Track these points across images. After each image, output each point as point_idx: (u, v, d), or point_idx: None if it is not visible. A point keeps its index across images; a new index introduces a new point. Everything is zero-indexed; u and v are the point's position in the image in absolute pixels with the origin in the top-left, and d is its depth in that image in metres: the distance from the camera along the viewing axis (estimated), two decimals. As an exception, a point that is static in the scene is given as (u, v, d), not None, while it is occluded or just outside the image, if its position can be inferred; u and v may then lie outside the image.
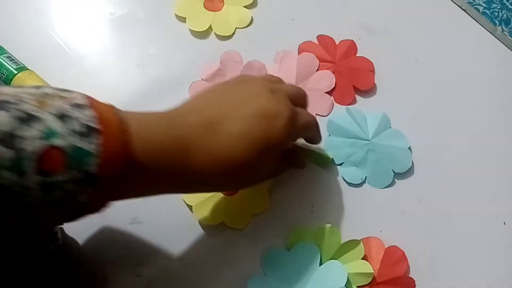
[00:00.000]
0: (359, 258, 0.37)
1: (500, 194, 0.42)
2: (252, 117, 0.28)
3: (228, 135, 0.27)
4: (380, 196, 0.40)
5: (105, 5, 0.48)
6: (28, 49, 0.44)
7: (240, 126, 0.27)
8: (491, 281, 0.38)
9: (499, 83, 0.48)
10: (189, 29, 0.47)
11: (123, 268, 0.35)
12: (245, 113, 0.28)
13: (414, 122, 0.44)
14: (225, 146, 0.27)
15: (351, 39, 0.47)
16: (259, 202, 0.38)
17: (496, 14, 0.55)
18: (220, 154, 0.27)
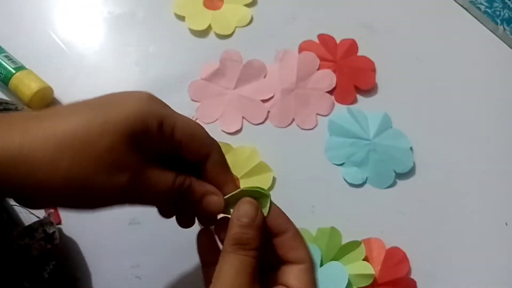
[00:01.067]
0: (360, 259, 0.36)
1: (502, 195, 0.41)
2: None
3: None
4: (381, 196, 0.40)
5: (104, 4, 0.48)
6: (26, 49, 0.43)
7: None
8: (493, 283, 0.38)
9: (500, 82, 0.47)
10: (189, 28, 0.46)
11: (121, 269, 0.35)
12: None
13: (415, 122, 0.43)
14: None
15: (352, 38, 0.47)
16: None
17: (498, 13, 0.55)
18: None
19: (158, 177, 0.23)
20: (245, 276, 0.23)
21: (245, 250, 0.23)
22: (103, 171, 0.20)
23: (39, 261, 0.31)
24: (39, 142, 0.20)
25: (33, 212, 0.35)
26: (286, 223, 0.26)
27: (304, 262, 0.24)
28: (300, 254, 0.25)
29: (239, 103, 0.43)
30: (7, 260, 0.30)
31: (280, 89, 0.43)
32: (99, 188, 0.20)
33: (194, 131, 0.24)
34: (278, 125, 0.43)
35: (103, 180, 0.20)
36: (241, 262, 0.23)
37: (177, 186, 0.23)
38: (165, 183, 0.23)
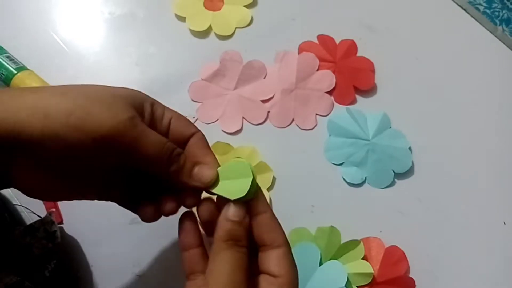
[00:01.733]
0: (359, 258, 0.37)
1: (500, 194, 0.42)
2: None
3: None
4: (380, 196, 0.40)
5: (104, 5, 0.48)
6: (27, 49, 0.43)
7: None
8: (491, 281, 0.38)
9: (499, 82, 0.48)
10: (189, 28, 0.47)
11: (123, 268, 0.35)
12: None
13: (414, 122, 0.44)
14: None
15: (352, 38, 0.47)
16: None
17: (497, 14, 0.55)
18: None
19: (152, 133, 0.24)
20: (242, 273, 0.23)
21: (238, 246, 0.24)
22: (105, 105, 0.22)
23: (41, 260, 0.31)
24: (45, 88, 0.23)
25: (34, 211, 0.35)
26: (263, 204, 0.25)
27: (281, 245, 0.24)
28: (277, 237, 0.24)
29: (239, 103, 0.43)
30: (9, 259, 0.30)
31: (280, 89, 0.44)
32: (100, 119, 0.22)
33: (181, 115, 0.28)
34: (278, 125, 0.43)
35: (104, 111, 0.22)
36: (236, 259, 0.23)
37: (169, 148, 0.24)
38: (158, 140, 0.24)
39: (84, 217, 0.36)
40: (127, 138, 0.22)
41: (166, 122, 0.27)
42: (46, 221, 0.32)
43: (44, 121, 0.21)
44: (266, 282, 0.24)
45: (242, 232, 0.24)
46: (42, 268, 0.31)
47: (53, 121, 0.21)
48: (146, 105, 0.25)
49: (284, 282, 0.23)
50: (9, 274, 0.29)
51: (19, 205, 0.35)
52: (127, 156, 0.23)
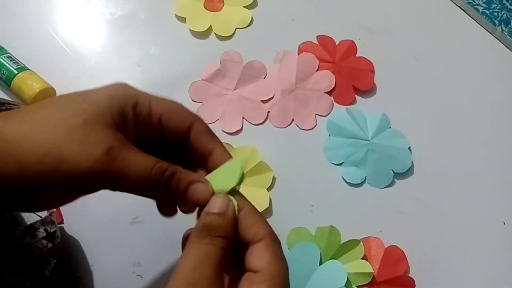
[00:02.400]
0: (359, 258, 0.37)
1: (500, 194, 0.42)
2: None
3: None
4: (380, 196, 0.40)
5: (106, 6, 0.48)
6: (28, 49, 0.44)
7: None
8: (491, 281, 0.38)
9: (498, 82, 0.48)
10: (189, 29, 0.47)
11: (123, 268, 0.35)
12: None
13: (413, 122, 0.44)
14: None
15: (351, 39, 0.47)
16: (259, 202, 0.38)
17: (496, 14, 0.55)
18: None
19: (136, 158, 0.21)
20: (205, 269, 0.20)
21: (211, 237, 0.21)
22: (78, 143, 0.20)
23: (41, 260, 0.31)
24: (16, 125, 0.20)
25: (35, 211, 0.35)
26: (241, 200, 0.24)
27: (262, 238, 0.22)
28: (258, 230, 0.22)
29: (239, 103, 0.43)
30: (9, 259, 0.30)
31: (280, 89, 0.44)
32: (74, 162, 0.20)
33: (171, 105, 0.25)
34: (278, 125, 0.43)
35: (77, 152, 0.20)
36: (203, 252, 0.21)
37: (157, 172, 0.22)
38: (144, 165, 0.21)
39: (84, 217, 0.37)
40: (107, 174, 0.21)
41: (156, 121, 0.24)
42: (46, 221, 0.32)
43: (19, 170, 0.20)
44: (247, 280, 0.21)
45: (219, 222, 0.22)
46: (42, 268, 0.31)
47: (27, 169, 0.20)
48: (127, 111, 0.23)
49: (265, 277, 0.21)
50: (9, 274, 0.29)
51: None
52: (115, 187, 0.22)
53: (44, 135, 0.20)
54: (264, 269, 0.21)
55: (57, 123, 0.20)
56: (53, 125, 0.20)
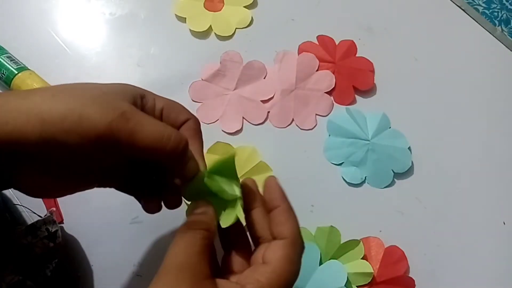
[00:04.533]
0: (359, 258, 0.37)
1: (500, 194, 0.42)
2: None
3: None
4: (380, 196, 0.40)
5: (106, 5, 0.48)
6: (28, 49, 0.44)
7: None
8: (491, 281, 0.38)
9: (498, 83, 0.48)
10: (189, 29, 0.47)
11: (123, 267, 0.35)
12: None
13: (413, 122, 0.44)
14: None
15: (351, 39, 0.47)
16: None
17: (496, 14, 0.56)
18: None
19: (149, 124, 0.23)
20: (187, 255, 0.22)
21: (193, 230, 0.23)
22: (98, 105, 0.22)
23: (42, 259, 0.31)
24: (39, 92, 0.22)
25: (35, 211, 0.35)
26: (280, 198, 0.25)
27: (285, 237, 0.23)
28: (284, 229, 0.23)
29: (239, 103, 0.43)
30: (10, 259, 0.30)
31: (279, 89, 0.44)
32: (93, 119, 0.21)
33: (173, 102, 0.27)
34: (278, 125, 0.43)
35: (96, 111, 0.21)
36: (184, 241, 0.22)
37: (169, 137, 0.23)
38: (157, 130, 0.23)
39: (84, 216, 0.37)
40: (122, 134, 0.22)
41: (158, 113, 0.26)
42: (47, 220, 0.32)
43: (41, 127, 0.21)
44: (253, 267, 0.23)
45: (201, 218, 0.24)
46: (44, 267, 0.31)
47: (49, 127, 0.21)
48: (137, 99, 0.25)
49: (269, 270, 0.22)
50: (10, 274, 0.29)
51: (20, 204, 0.35)
52: (127, 150, 0.23)
53: (66, 98, 0.22)
54: (272, 264, 0.22)
55: (77, 92, 0.22)
56: (74, 92, 0.22)
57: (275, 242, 0.23)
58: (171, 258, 0.22)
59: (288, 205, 0.25)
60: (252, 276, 0.22)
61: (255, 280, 0.21)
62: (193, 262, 0.21)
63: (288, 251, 0.23)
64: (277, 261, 0.22)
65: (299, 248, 0.24)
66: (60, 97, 0.22)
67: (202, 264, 0.22)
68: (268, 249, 0.23)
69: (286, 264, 0.22)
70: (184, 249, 0.22)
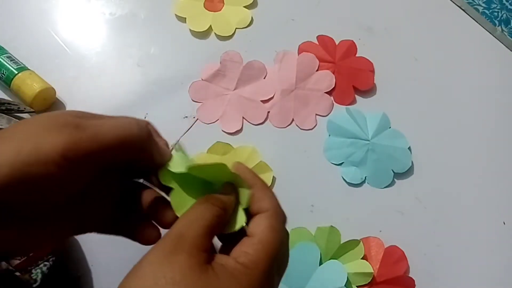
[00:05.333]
0: (359, 258, 0.37)
1: (500, 194, 0.42)
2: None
3: None
4: (380, 196, 0.40)
5: (106, 6, 0.48)
6: (28, 50, 0.44)
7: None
8: (491, 281, 0.38)
9: (498, 82, 0.48)
10: (189, 29, 0.47)
11: (123, 267, 0.35)
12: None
13: (413, 122, 0.44)
14: None
15: (351, 39, 0.47)
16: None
17: (496, 14, 0.56)
18: None
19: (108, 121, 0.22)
20: (194, 226, 0.21)
21: (208, 203, 0.23)
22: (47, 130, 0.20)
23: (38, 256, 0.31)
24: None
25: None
26: (252, 178, 0.25)
27: (266, 210, 0.23)
28: (264, 204, 0.24)
29: (239, 103, 0.43)
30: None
31: (279, 89, 0.44)
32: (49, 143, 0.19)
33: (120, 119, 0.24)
34: (278, 125, 0.43)
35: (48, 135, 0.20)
36: (197, 212, 0.22)
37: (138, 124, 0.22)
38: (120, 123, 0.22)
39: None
40: (85, 142, 0.20)
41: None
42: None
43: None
44: (240, 242, 0.22)
45: (222, 196, 0.23)
46: (41, 265, 0.31)
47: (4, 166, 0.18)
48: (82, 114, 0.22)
49: (255, 242, 0.22)
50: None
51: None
52: (95, 157, 0.21)
53: (14, 136, 0.20)
54: (257, 235, 0.22)
55: (22, 128, 0.20)
56: (19, 129, 0.20)
57: (257, 216, 0.24)
58: (177, 226, 0.22)
59: (262, 182, 0.25)
60: (240, 250, 0.22)
61: (243, 252, 0.22)
62: (196, 233, 0.21)
63: (271, 221, 0.23)
64: (262, 232, 0.22)
65: (281, 217, 0.24)
66: (6, 139, 0.20)
67: (205, 238, 0.21)
68: (252, 223, 0.23)
69: (270, 233, 0.22)
70: (193, 220, 0.22)
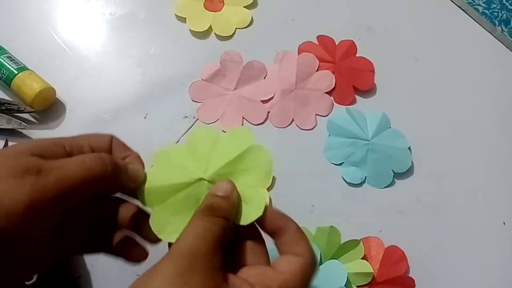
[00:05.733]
0: (359, 258, 0.37)
1: (500, 194, 0.42)
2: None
3: None
4: (380, 196, 0.40)
5: (106, 5, 0.48)
6: (28, 49, 0.44)
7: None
8: (491, 281, 0.38)
9: (498, 82, 0.48)
10: (189, 29, 0.47)
11: (123, 268, 0.35)
12: None
13: (413, 122, 0.44)
14: None
15: (351, 39, 0.47)
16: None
17: (496, 14, 0.56)
18: None
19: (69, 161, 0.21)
20: (203, 243, 0.21)
21: (213, 216, 0.22)
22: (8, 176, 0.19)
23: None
24: None
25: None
26: (287, 223, 0.24)
27: (302, 255, 0.23)
28: (300, 249, 0.23)
29: (239, 103, 0.43)
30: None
31: (279, 89, 0.44)
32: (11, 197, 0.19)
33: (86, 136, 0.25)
34: (278, 126, 0.43)
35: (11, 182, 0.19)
36: (204, 227, 0.22)
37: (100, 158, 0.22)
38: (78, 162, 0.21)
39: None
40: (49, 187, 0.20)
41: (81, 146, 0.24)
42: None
43: None
44: (261, 271, 0.22)
45: (222, 203, 0.23)
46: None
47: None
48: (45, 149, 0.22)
49: (284, 282, 0.21)
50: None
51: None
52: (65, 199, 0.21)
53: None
54: (286, 274, 0.22)
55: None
56: None
57: (292, 256, 0.23)
58: (186, 242, 0.21)
59: (297, 226, 0.24)
60: (263, 280, 0.21)
61: (265, 284, 0.21)
62: (208, 251, 0.21)
63: (305, 269, 0.22)
64: (293, 274, 0.22)
65: (314, 270, 0.23)
66: None
67: (216, 254, 0.21)
68: (284, 259, 0.23)
69: (300, 280, 0.22)
70: (200, 236, 0.21)
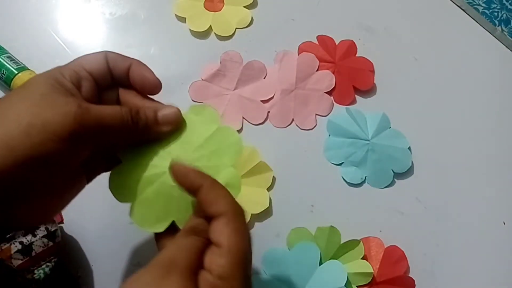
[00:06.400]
0: (359, 258, 0.37)
1: (500, 194, 0.42)
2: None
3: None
4: (380, 196, 0.40)
5: (106, 6, 0.48)
6: (28, 50, 0.44)
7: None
8: (491, 281, 0.38)
9: (498, 82, 0.48)
10: (189, 29, 0.47)
11: (123, 267, 0.35)
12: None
13: (413, 122, 0.44)
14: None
15: (351, 39, 0.47)
16: (259, 202, 0.38)
17: (496, 14, 0.56)
18: None
19: (104, 107, 0.24)
20: (184, 255, 0.22)
21: (196, 236, 0.23)
22: (50, 108, 0.21)
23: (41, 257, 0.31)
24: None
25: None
26: (199, 178, 0.23)
27: (223, 213, 0.22)
28: (219, 207, 0.22)
29: (239, 103, 0.43)
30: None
31: (279, 89, 0.44)
32: (56, 123, 0.21)
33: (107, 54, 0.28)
34: (278, 125, 0.43)
35: (53, 114, 0.21)
36: (188, 241, 0.22)
37: (127, 112, 0.24)
38: (114, 110, 0.24)
39: (84, 216, 0.37)
40: (88, 124, 0.22)
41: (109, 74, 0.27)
42: (46, 220, 0.32)
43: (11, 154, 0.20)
44: (210, 252, 0.22)
45: (206, 227, 0.23)
46: (43, 265, 0.31)
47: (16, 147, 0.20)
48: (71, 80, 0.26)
49: (225, 252, 0.21)
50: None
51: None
52: (96, 138, 0.23)
53: (16, 118, 0.21)
54: (224, 245, 0.22)
55: (21, 107, 0.21)
56: (19, 110, 0.21)
57: (216, 223, 0.22)
58: (167, 253, 0.22)
59: (211, 181, 0.23)
60: (212, 261, 0.22)
61: (216, 265, 0.21)
62: (189, 259, 0.21)
63: (233, 225, 0.22)
64: (228, 240, 0.22)
65: (241, 216, 0.23)
66: (9, 120, 0.21)
67: (197, 261, 0.22)
68: (213, 232, 0.22)
69: (236, 239, 0.22)
70: (182, 246, 0.22)
